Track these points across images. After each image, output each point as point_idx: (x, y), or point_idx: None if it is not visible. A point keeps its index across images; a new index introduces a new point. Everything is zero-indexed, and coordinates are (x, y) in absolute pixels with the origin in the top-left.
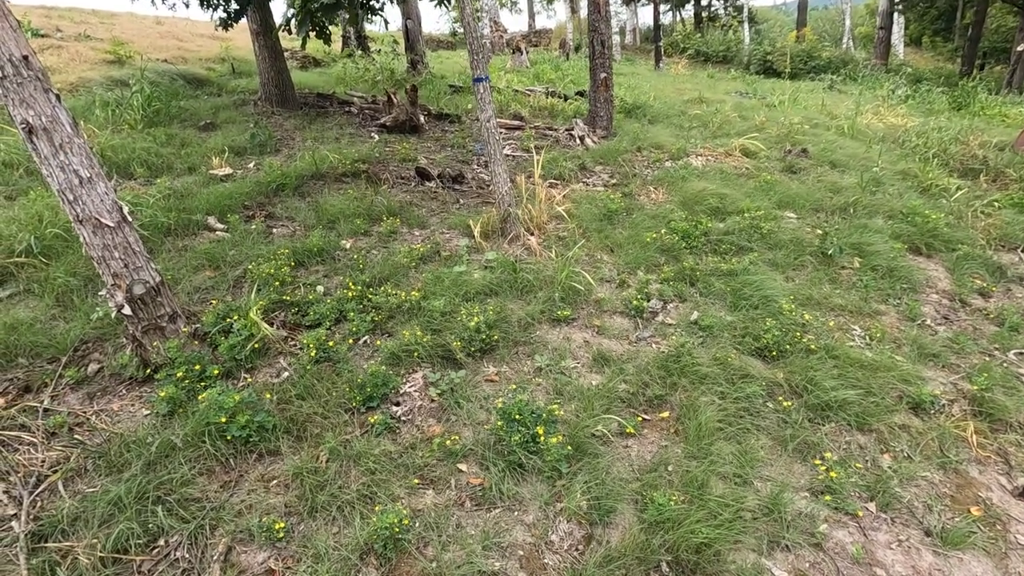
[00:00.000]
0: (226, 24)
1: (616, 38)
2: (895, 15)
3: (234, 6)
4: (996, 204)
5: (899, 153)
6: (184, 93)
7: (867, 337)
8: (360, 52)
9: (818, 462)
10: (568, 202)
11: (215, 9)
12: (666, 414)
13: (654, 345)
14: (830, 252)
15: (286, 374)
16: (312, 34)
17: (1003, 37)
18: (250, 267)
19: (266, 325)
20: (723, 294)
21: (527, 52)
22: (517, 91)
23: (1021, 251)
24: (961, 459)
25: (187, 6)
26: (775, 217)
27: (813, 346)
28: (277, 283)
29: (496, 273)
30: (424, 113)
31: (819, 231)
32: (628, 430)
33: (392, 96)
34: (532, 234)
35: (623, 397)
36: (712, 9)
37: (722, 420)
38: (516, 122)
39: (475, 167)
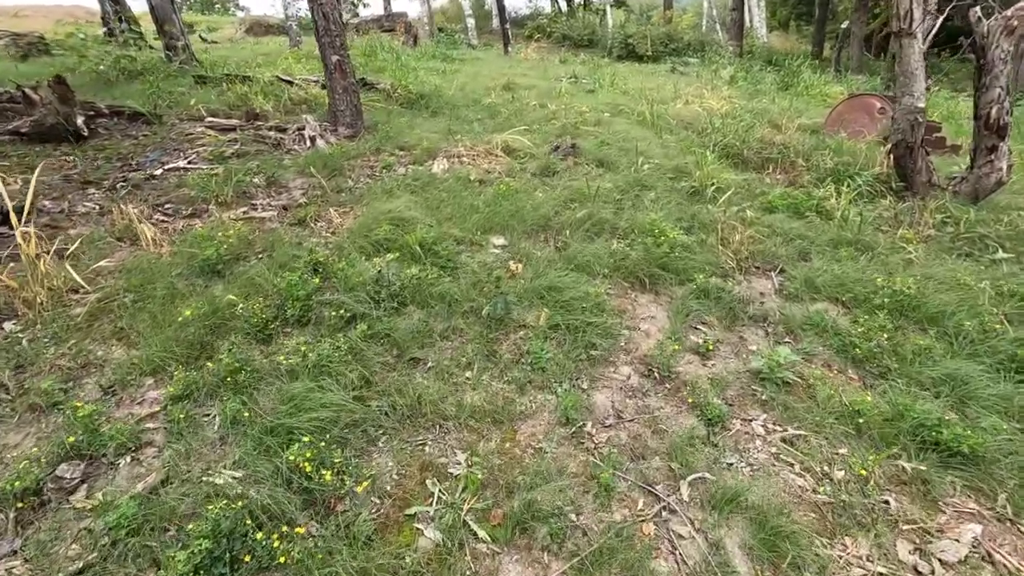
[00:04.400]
0: None
1: (470, 21)
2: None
3: None
4: (749, 211)
5: (694, 142)
6: None
7: (443, 491)
8: (117, 35)
9: None
10: (168, 247)
11: None
12: None
13: None
14: (484, 311)
15: None
16: None
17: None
18: None
19: None
20: (248, 421)
21: None
22: (283, 80)
23: (776, 273)
24: None
25: None
26: (479, 244)
27: None
28: None
29: None
30: (90, 113)
31: (496, 274)
32: None
33: (31, 93)
34: (18, 316)
35: None
36: None
37: None
38: (233, 122)
39: (93, 192)
